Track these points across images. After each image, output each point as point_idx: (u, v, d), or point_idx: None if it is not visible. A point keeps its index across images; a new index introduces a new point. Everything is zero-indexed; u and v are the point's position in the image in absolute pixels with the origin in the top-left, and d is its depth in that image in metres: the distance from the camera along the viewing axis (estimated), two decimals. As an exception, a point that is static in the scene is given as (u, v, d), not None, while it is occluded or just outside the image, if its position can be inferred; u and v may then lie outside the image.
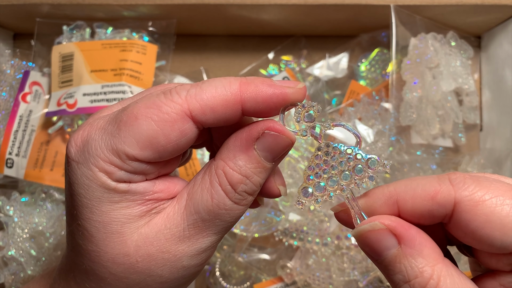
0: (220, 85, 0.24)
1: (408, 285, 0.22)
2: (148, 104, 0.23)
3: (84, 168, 0.24)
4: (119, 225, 0.24)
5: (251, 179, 0.25)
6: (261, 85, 0.24)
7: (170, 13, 0.53)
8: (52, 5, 0.51)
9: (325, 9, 0.51)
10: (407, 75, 0.53)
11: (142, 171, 0.24)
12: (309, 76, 0.58)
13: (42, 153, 0.52)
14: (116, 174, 0.23)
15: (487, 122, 0.57)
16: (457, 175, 0.24)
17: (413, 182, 0.24)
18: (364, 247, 0.24)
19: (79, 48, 0.52)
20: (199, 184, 0.25)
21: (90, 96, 0.50)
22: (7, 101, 0.53)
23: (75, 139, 0.25)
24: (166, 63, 0.55)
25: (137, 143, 0.23)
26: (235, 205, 0.25)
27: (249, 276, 0.54)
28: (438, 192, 0.23)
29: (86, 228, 0.24)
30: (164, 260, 0.25)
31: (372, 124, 0.53)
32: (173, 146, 0.24)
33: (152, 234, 0.24)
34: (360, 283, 0.49)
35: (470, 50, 0.55)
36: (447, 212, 0.23)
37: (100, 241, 0.24)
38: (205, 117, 0.24)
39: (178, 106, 0.23)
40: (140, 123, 0.23)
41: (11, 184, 0.54)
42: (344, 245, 0.49)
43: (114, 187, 0.24)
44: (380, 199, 0.25)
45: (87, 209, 0.24)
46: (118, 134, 0.23)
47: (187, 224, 0.25)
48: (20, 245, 0.49)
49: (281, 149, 0.25)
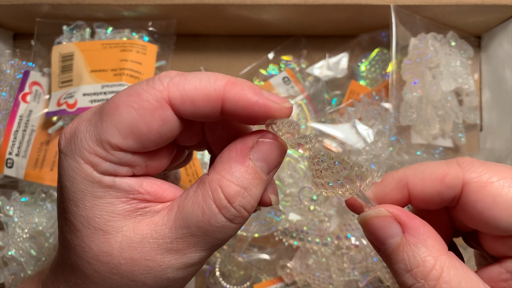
0: (205, 79, 0.23)
1: (409, 274, 0.22)
2: (130, 92, 0.23)
3: (70, 160, 0.24)
4: (103, 222, 0.24)
5: (249, 191, 0.24)
6: (247, 90, 0.23)
7: (170, 13, 0.53)
8: (52, 5, 0.51)
9: (325, 9, 0.51)
10: (407, 75, 0.53)
11: (127, 162, 0.24)
12: (309, 76, 0.58)
13: (42, 153, 0.52)
14: (102, 165, 0.23)
15: (487, 122, 0.57)
16: (465, 159, 0.24)
17: (422, 166, 0.25)
18: (368, 234, 0.24)
19: (79, 48, 0.52)
20: (191, 197, 0.24)
21: (90, 96, 0.50)
22: (7, 101, 0.53)
23: (65, 131, 0.25)
24: (166, 63, 0.55)
25: (119, 132, 0.23)
26: (228, 223, 0.24)
27: (249, 276, 0.54)
28: (447, 174, 0.24)
29: (72, 222, 0.24)
30: (148, 267, 0.24)
31: (372, 124, 0.53)
32: (155, 134, 0.23)
33: (137, 240, 0.24)
34: (360, 283, 0.49)
35: (470, 50, 0.55)
36: (455, 193, 0.24)
37: (85, 236, 0.24)
38: (183, 107, 0.23)
39: (158, 93, 0.23)
40: (121, 112, 0.23)
41: (11, 184, 0.54)
42: (344, 245, 0.49)
43: (98, 180, 0.23)
44: (390, 183, 0.25)
45: (72, 202, 0.24)
46: (100, 124, 0.23)
47: (175, 237, 0.24)
48: (20, 245, 0.49)
49: (276, 158, 0.25)
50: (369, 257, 0.49)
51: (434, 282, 0.22)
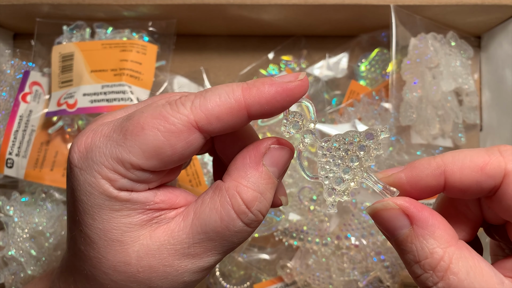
0: (223, 93, 0.24)
1: (418, 265, 0.22)
2: (155, 114, 0.23)
3: (87, 175, 0.24)
4: (120, 233, 0.24)
5: (265, 195, 0.25)
6: (263, 87, 0.24)
7: (170, 13, 0.53)
8: (52, 5, 0.51)
9: (325, 9, 0.51)
10: (407, 75, 0.53)
11: (145, 180, 0.24)
12: (309, 76, 0.58)
13: (42, 153, 0.52)
14: (119, 182, 0.24)
15: (487, 122, 0.57)
16: (508, 147, 0.24)
17: (461, 154, 0.24)
18: (377, 225, 0.25)
19: (79, 48, 0.52)
20: (208, 204, 0.25)
21: (90, 96, 0.50)
22: (7, 101, 0.53)
23: (78, 145, 0.25)
24: (166, 63, 0.55)
25: (143, 153, 0.23)
26: (245, 227, 0.25)
27: (249, 276, 0.54)
28: (488, 163, 0.23)
29: (88, 235, 0.24)
30: (165, 273, 0.25)
31: (372, 124, 0.53)
32: (179, 156, 0.24)
33: (155, 247, 0.24)
34: (360, 283, 0.49)
35: (470, 50, 0.55)
36: (496, 183, 0.23)
37: (101, 248, 0.24)
38: (211, 126, 0.24)
39: (184, 118, 0.23)
40: (147, 133, 0.23)
41: (11, 184, 0.54)
42: (344, 245, 0.49)
43: (115, 195, 0.24)
44: (426, 169, 0.25)
45: (89, 216, 0.24)
46: (124, 143, 0.23)
47: (192, 243, 0.25)
48: (20, 245, 0.49)
49: (286, 162, 0.26)
50: (369, 257, 0.49)
51: (442, 273, 0.22)
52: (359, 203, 0.50)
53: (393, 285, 0.48)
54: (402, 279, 0.49)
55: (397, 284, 0.49)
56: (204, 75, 0.58)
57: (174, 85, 0.57)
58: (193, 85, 0.58)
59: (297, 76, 0.25)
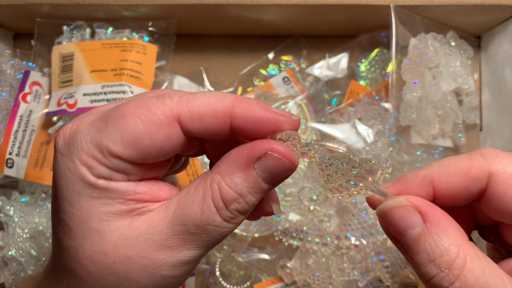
0: (213, 97, 0.24)
1: (433, 264, 0.22)
2: (139, 104, 0.23)
3: (67, 160, 0.24)
4: (98, 222, 0.24)
5: (245, 198, 0.24)
6: (255, 106, 0.24)
7: (170, 13, 0.53)
8: (52, 5, 0.51)
9: (325, 9, 0.51)
10: (407, 75, 0.53)
11: (123, 170, 0.24)
12: (309, 76, 0.58)
13: (42, 153, 0.52)
14: (97, 169, 0.23)
15: (487, 122, 0.57)
16: (489, 150, 0.24)
17: (445, 162, 0.24)
18: (387, 226, 0.24)
19: (79, 48, 0.52)
20: (191, 195, 0.24)
21: (90, 96, 0.50)
22: (7, 101, 0.53)
23: (63, 131, 0.25)
24: (166, 63, 0.55)
25: (121, 141, 0.23)
26: (224, 223, 0.24)
27: (249, 276, 0.54)
28: (472, 167, 0.23)
29: (66, 222, 0.24)
30: (143, 265, 0.24)
31: (372, 124, 0.53)
32: (157, 149, 0.23)
33: (133, 236, 0.24)
34: (360, 283, 0.49)
35: (470, 50, 0.55)
36: (482, 186, 0.23)
37: (79, 236, 0.24)
38: (192, 124, 0.23)
39: (167, 109, 0.23)
40: (128, 121, 0.23)
41: (11, 184, 0.54)
42: (344, 245, 0.49)
43: (93, 183, 0.23)
44: (414, 181, 0.25)
45: (67, 203, 0.24)
46: (104, 129, 0.23)
47: (171, 234, 0.24)
48: (20, 245, 0.49)
49: (282, 173, 0.24)
50: (369, 257, 0.49)
51: (458, 271, 0.21)
52: (359, 203, 0.50)
53: (393, 285, 0.48)
54: (402, 279, 0.49)
55: (397, 284, 0.49)
56: (204, 75, 0.58)
57: (174, 85, 0.57)
58: (193, 85, 0.58)
59: (291, 115, 0.25)
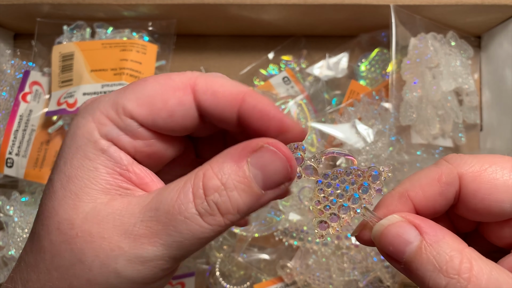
0: (230, 81, 0.25)
1: (440, 274, 0.21)
2: (162, 74, 0.25)
3: (80, 118, 0.24)
4: (80, 185, 0.23)
5: (229, 192, 0.22)
6: (266, 100, 0.24)
7: (170, 13, 0.53)
8: (53, 5, 0.51)
9: (325, 9, 0.51)
10: (407, 75, 0.53)
11: (131, 131, 0.24)
12: (309, 76, 0.58)
13: (42, 153, 0.52)
14: (106, 127, 0.24)
15: (487, 122, 0.57)
16: (451, 156, 0.25)
17: (415, 176, 0.25)
18: (386, 247, 0.23)
19: (79, 48, 0.52)
20: (175, 183, 0.23)
21: (90, 95, 0.50)
22: (7, 101, 0.53)
23: (87, 100, 0.26)
24: (166, 63, 0.55)
25: (136, 99, 0.24)
26: (197, 217, 0.22)
27: (249, 276, 0.54)
28: (442, 173, 0.24)
29: (53, 182, 0.24)
30: (100, 248, 0.22)
31: (372, 124, 0.53)
32: (168, 112, 0.24)
33: (104, 214, 0.22)
34: (360, 283, 0.49)
35: (470, 50, 0.55)
36: (455, 189, 0.24)
37: (58, 199, 0.23)
38: (205, 96, 0.24)
39: (185, 78, 0.24)
40: (147, 84, 0.24)
41: (11, 184, 0.54)
42: (344, 245, 0.49)
43: (96, 140, 0.24)
44: (392, 202, 0.25)
45: (63, 160, 0.24)
46: (123, 91, 0.24)
47: (140, 219, 0.22)
48: (20, 245, 0.49)
49: (277, 172, 0.23)
50: (369, 257, 0.49)
51: (467, 274, 0.21)
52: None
53: (393, 285, 0.48)
54: (402, 279, 0.49)
55: (397, 284, 0.49)
56: (204, 75, 0.58)
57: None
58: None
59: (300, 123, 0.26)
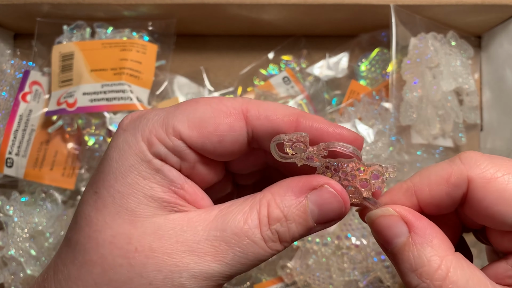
0: (281, 105, 0.25)
1: (414, 274, 0.22)
2: (213, 97, 0.25)
3: (128, 135, 0.24)
4: (137, 203, 0.23)
5: (289, 224, 0.23)
6: (320, 118, 0.25)
7: (170, 13, 0.53)
8: (53, 5, 0.51)
9: (325, 9, 0.51)
10: (407, 75, 0.53)
11: (179, 153, 0.24)
12: (309, 76, 0.58)
13: (42, 153, 0.52)
14: (156, 147, 0.23)
15: (487, 122, 0.57)
16: (468, 154, 0.24)
17: (426, 171, 0.25)
18: (375, 234, 0.24)
19: (79, 48, 0.52)
20: (238, 205, 0.24)
21: (90, 95, 0.50)
22: (7, 101, 0.53)
23: (132, 114, 0.26)
24: (166, 62, 0.55)
25: (187, 121, 0.24)
26: (261, 241, 0.23)
27: (249, 276, 0.54)
28: (451, 174, 0.24)
29: (102, 196, 0.23)
30: (163, 263, 0.22)
31: (372, 124, 0.53)
32: (218, 137, 0.24)
33: (166, 228, 0.23)
34: (360, 283, 0.49)
35: (470, 50, 0.55)
36: (463, 191, 0.24)
37: (111, 213, 0.23)
38: (258, 121, 0.24)
39: (237, 103, 0.24)
40: (198, 106, 0.24)
41: (11, 184, 0.54)
42: (344, 245, 0.49)
43: (149, 159, 0.23)
44: (398, 194, 0.25)
45: (112, 176, 0.23)
46: (174, 111, 0.24)
47: (205, 238, 0.23)
48: (20, 245, 0.49)
49: (331, 213, 0.24)
50: (369, 257, 0.48)
51: (440, 282, 0.21)
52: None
53: (394, 285, 0.48)
54: (402, 279, 0.49)
55: (397, 284, 0.49)
56: (204, 74, 0.58)
57: (174, 85, 0.57)
58: (193, 85, 0.58)
59: (357, 133, 0.26)
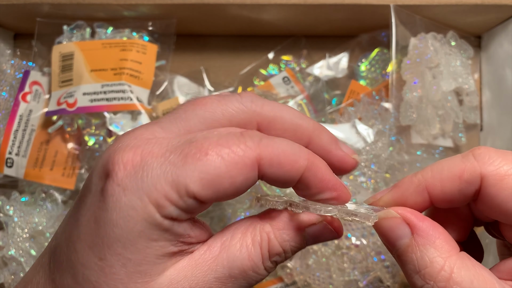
0: (291, 144, 0.23)
1: (418, 275, 0.22)
2: (221, 141, 0.21)
3: (132, 197, 0.21)
4: (150, 265, 0.22)
5: (287, 254, 0.25)
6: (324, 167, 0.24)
7: (170, 13, 0.53)
8: (53, 5, 0.51)
9: (325, 9, 0.51)
10: (407, 75, 0.53)
11: (191, 210, 0.22)
12: (309, 76, 0.58)
13: (42, 153, 0.52)
14: (167, 209, 0.21)
15: (487, 122, 0.57)
16: (481, 150, 0.24)
17: (438, 166, 0.25)
18: (380, 236, 0.25)
19: (79, 48, 0.52)
20: (239, 239, 0.24)
21: (90, 95, 0.50)
22: (7, 101, 0.53)
23: (123, 161, 0.21)
24: (166, 62, 0.55)
25: (200, 180, 0.21)
26: (264, 271, 0.24)
27: (249, 276, 0.54)
28: (464, 170, 0.23)
29: (110, 264, 0.21)
30: None
31: (372, 124, 0.53)
32: (234, 191, 0.22)
33: (178, 279, 0.22)
34: (360, 283, 0.49)
35: (470, 50, 0.55)
36: (476, 188, 0.23)
37: (122, 279, 0.21)
38: (271, 169, 0.22)
39: (250, 151, 0.21)
40: (210, 160, 0.21)
41: (11, 184, 0.54)
42: (344, 245, 0.49)
43: (159, 223, 0.21)
44: (409, 188, 0.25)
45: (120, 244, 0.21)
46: (182, 166, 0.21)
47: (214, 276, 0.23)
48: (20, 245, 0.49)
49: (325, 241, 0.26)
50: (369, 257, 0.48)
51: (444, 283, 0.21)
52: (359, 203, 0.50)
53: (394, 285, 0.48)
54: (402, 279, 0.49)
55: (397, 284, 0.49)
56: (204, 75, 0.58)
57: (174, 85, 0.57)
58: (193, 85, 0.58)
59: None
